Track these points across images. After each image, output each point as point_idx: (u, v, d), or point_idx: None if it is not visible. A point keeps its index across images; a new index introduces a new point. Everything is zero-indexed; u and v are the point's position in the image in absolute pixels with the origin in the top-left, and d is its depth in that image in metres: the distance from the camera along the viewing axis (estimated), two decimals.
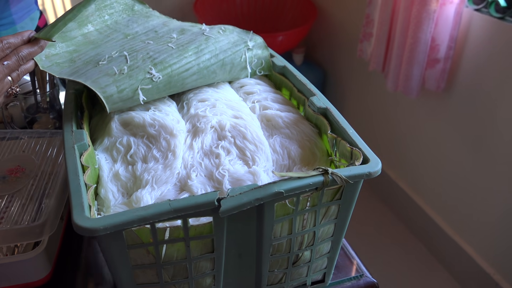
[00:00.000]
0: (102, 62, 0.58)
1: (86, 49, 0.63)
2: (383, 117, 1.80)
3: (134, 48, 0.61)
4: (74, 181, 0.44)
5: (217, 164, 0.54)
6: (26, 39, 0.55)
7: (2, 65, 0.52)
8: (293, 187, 0.43)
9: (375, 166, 0.47)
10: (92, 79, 0.54)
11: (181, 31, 0.66)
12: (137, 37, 0.65)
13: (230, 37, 0.66)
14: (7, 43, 0.53)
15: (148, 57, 0.59)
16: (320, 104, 0.59)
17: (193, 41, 0.62)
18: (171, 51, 0.60)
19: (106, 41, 0.64)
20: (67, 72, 0.58)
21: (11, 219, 0.58)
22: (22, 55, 0.54)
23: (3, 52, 0.52)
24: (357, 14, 1.80)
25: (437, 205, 1.60)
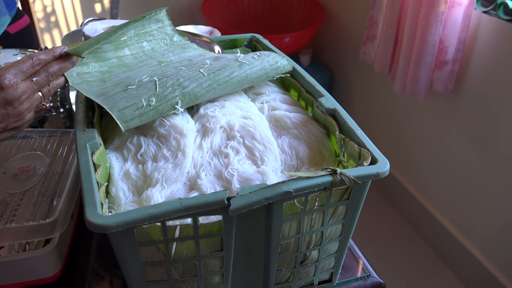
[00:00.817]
0: (131, 86, 0.56)
1: (118, 71, 0.62)
2: (390, 118, 1.80)
3: (165, 74, 0.60)
4: (86, 179, 0.44)
5: (226, 163, 0.54)
6: (57, 55, 0.56)
7: (31, 82, 0.52)
8: (302, 187, 0.44)
9: (383, 166, 0.47)
10: (119, 107, 0.53)
11: (215, 58, 0.65)
12: (170, 64, 0.64)
13: (265, 61, 0.65)
14: (37, 59, 0.53)
15: (178, 84, 0.57)
16: (329, 105, 0.60)
17: (226, 67, 0.61)
18: (201, 79, 0.59)
19: (140, 66, 0.64)
20: (96, 91, 0.57)
21: (23, 217, 0.59)
22: (52, 70, 0.54)
23: (33, 68, 0.53)
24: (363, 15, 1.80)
25: (444, 207, 1.59)
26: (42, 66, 0.54)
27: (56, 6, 2.09)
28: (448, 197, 1.56)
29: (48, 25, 2.12)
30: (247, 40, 0.84)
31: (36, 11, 2.07)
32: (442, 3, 1.28)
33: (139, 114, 0.53)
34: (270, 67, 0.65)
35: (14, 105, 0.51)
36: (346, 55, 2.03)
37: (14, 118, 0.52)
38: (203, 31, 1.09)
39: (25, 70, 0.51)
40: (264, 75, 0.65)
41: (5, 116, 0.51)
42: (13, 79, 0.50)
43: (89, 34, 0.82)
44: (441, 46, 1.35)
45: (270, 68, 0.66)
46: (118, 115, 0.52)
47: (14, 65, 0.51)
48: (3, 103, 0.50)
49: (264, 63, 0.65)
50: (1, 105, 0.50)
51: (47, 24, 2.12)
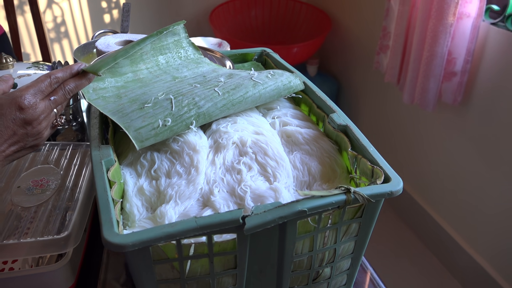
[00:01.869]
0: (147, 104, 0.57)
1: (134, 87, 0.63)
2: (398, 129, 1.80)
3: (180, 91, 0.60)
4: (103, 197, 0.45)
5: (239, 180, 0.55)
6: (74, 72, 0.56)
7: (49, 101, 0.53)
8: (316, 206, 0.44)
9: (397, 185, 0.48)
10: (135, 127, 0.54)
11: (229, 75, 0.65)
12: (185, 80, 0.64)
13: (279, 81, 0.66)
14: (55, 78, 0.53)
15: (193, 103, 0.58)
16: (340, 121, 0.60)
17: (240, 86, 0.62)
18: (216, 99, 0.59)
19: (155, 81, 0.64)
20: (112, 108, 0.58)
21: (37, 231, 0.60)
22: (69, 88, 0.55)
23: (51, 87, 0.53)
24: (373, 26, 1.81)
25: (451, 218, 1.58)
26: (59, 84, 0.54)
27: (66, 17, 2.12)
28: (456, 208, 1.55)
29: (58, 36, 2.15)
30: (257, 54, 0.84)
31: (47, 21, 2.10)
32: (450, 14, 1.28)
33: (155, 134, 0.54)
34: (283, 86, 0.66)
35: (33, 125, 0.51)
36: (354, 65, 2.03)
37: (32, 137, 0.52)
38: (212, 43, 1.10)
39: (43, 89, 0.52)
40: (277, 94, 0.66)
41: (24, 136, 0.51)
42: (33, 100, 0.51)
43: (102, 49, 0.83)
44: (449, 58, 1.35)
45: (283, 87, 0.66)
46: (134, 135, 0.53)
47: (33, 85, 0.51)
48: (22, 123, 0.50)
49: (278, 83, 0.65)
50: (21, 125, 0.50)
51: (57, 35, 2.15)
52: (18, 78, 0.89)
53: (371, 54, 1.86)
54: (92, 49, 1.07)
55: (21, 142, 0.51)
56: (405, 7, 1.48)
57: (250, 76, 0.65)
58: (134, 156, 0.58)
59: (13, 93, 0.50)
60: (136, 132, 0.53)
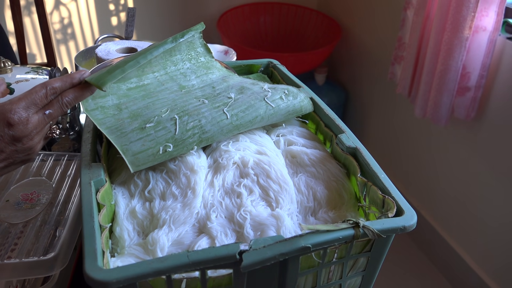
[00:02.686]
0: (149, 124, 0.52)
1: (136, 96, 0.57)
2: (407, 143, 1.75)
3: (186, 109, 0.55)
4: (88, 224, 0.41)
5: (239, 204, 0.51)
6: (75, 82, 0.50)
7: (43, 115, 0.47)
8: (321, 242, 0.40)
9: (410, 219, 0.43)
10: (133, 152, 0.50)
11: (240, 89, 0.60)
12: (192, 91, 0.59)
13: (291, 104, 0.61)
14: (52, 88, 0.48)
15: (199, 127, 0.53)
16: (350, 143, 0.56)
17: (251, 108, 0.57)
18: (224, 123, 0.55)
19: (159, 90, 0.59)
20: (110, 124, 0.53)
21: (22, 250, 0.56)
22: (67, 100, 0.49)
23: (47, 99, 0.47)
24: (386, 35, 1.77)
25: (462, 238, 1.53)
26: (57, 96, 0.48)
27: (73, 18, 2.10)
28: (467, 227, 1.50)
29: (64, 37, 2.13)
30: (263, 65, 0.81)
31: (53, 22, 2.08)
32: (466, 28, 1.24)
33: (153, 159, 0.51)
34: (293, 109, 0.62)
35: (23, 141, 0.47)
36: (364, 75, 1.99)
37: (23, 153, 0.48)
38: (218, 50, 1.06)
39: (37, 102, 0.47)
40: (285, 117, 0.62)
41: (13, 153, 0.47)
42: (24, 114, 0.46)
43: (101, 56, 0.80)
44: (464, 72, 1.30)
45: (293, 111, 0.62)
46: (131, 160, 0.50)
47: (26, 97, 0.46)
48: (11, 140, 0.45)
49: (289, 107, 0.61)
50: (9, 142, 0.45)
51: (64, 36, 2.13)
52: (16, 83, 0.86)
53: (382, 64, 1.81)
54: (94, 54, 1.04)
55: (10, 159, 0.47)
56: (419, 18, 1.44)
57: (263, 94, 0.60)
58: (128, 175, 0.54)
59: (3, 106, 0.46)
60: (134, 157, 0.50)
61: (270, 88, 0.62)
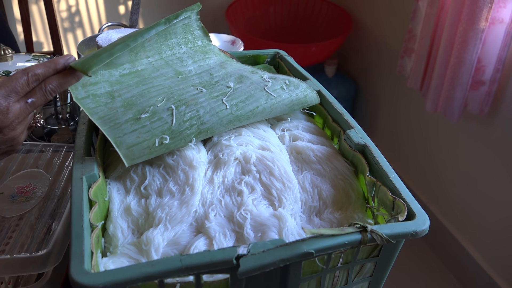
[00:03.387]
0: (144, 114, 0.49)
1: (130, 82, 0.54)
2: (418, 138, 1.70)
3: (183, 98, 0.52)
4: (77, 223, 0.39)
5: (239, 203, 0.48)
6: (60, 67, 0.46)
7: (25, 103, 0.44)
8: (325, 247, 0.37)
9: (422, 224, 0.40)
10: (128, 144, 0.47)
11: (239, 78, 0.57)
12: (189, 78, 0.56)
13: (293, 94, 0.58)
14: (34, 75, 0.44)
15: (197, 117, 0.51)
16: (358, 139, 0.53)
17: (251, 98, 0.54)
18: (223, 113, 0.52)
19: (154, 76, 0.56)
20: (103, 114, 0.50)
21: (15, 246, 0.54)
22: (51, 88, 0.46)
23: (29, 86, 0.44)
24: (397, 27, 1.72)
25: (474, 239, 1.49)
26: (39, 83, 0.45)
27: (81, 7, 2.07)
28: (478, 226, 1.46)
29: (72, 26, 2.11)
30: (270, 56, 0.77)
31: (61, 10, 2.05)
32: (482, 19, 1.19)
33: (148, 153, 0.48)
34: (297, 101, 0.59)
35: (4, 132, 0.44)
36: (375, 67, 1.94)
37: (5, 144, 0.45)
38: (225, 40, 1.03)
39: (18, 90, 0.43)
40: (290, 109, 0.59)
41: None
42: (4, 103, 0.43)
43: (102, 44, 0.77)
44: (478, 65, 1.25)
45: (298, 102, 0.59)
46: (125, 153, 0.47)
47: (6, 84, 0.43)
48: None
49: (293, 97, 0.58)
50: None
51: (71, 25, 2.11)
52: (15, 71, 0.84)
53: (394, 57, 1.76)
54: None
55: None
56: (433, 9, 1.39)
57: (263, 84, 0.57)
58: (124, 169, 0.51)
59: None
60: (128, 150, 0.47)
61: (270, 78, 0.59)
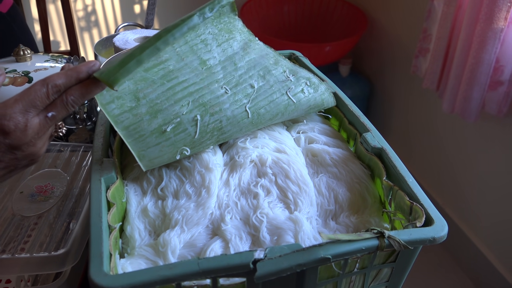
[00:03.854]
0: (170, 126, 0.49)
1: (154, 77, 0.51)
2: (434, 139, 1.68)
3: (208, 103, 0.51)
4: (95, 225, 0.39)
5: (255, 206, 0.48)
6: (83, 76, 0.42)
7: (45, 118, 0.41)
8: (342, 252, 0.37)
9: (441, 230, 0.40)
10: (150, 157, 0.48)
11: (262, 72, 0.55)
12: (213, 69, 0.54)
13: (312, 98, 0.58)
14: (54, 86, 0.40)
15: (218, 128, 0.51)
16: (375, 142, 0.52)
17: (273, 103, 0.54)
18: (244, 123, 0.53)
19: (179, 68, 0.53)
20: (128, 122, 0.48)
21: (34, 245, 0.55)
22: (72, 99, 0.41)
23: (49, 98, 0.40)
24: (413, 27, 1.70)
25: (490, 242, 1.47)
26: (61, 94, 0.41)
27: (97, 6, 2.09)
28: (495, 229, 1.44)
29: (88, 25, 2.13)
30: (285, 57, 0.77)
31: (77, 10, 2.08)
32: (501, 19, 1.17)
33: (167, 162, 0.50)
34: (315, 104, 0.58)
35: (23, 148, 0.41)
36: (390, 67, 1.92)
37: (25, 160, 0.43)
38: None
39: (37, 104, 0.40)
40: (306, 112, 0.59)
41: (13, 161, 0.41)
42: (21, 119, 0.39)
43: (119, 45, 0.78)
44: (497, 65, 1.23)
45: (315, 105, 0.59)
46: (146, 164, 0.48)
47: (24, 97, 0.39)
48: (7, 149, 0.40)
49: (311, 102, 0.58)
50: (6, 151, 0.40)
51: (87, 24, 2.13)
52: (35, 71, 0.85)
53: (409, 57, 1.74)
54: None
55: (11, 167, 0.42)
56: (450, 9, 1.37)
57: (286, 86, 0.56)
58: (141, 171, 0.52)
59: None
60: (149, 161, 0.48)
61: (292, 73, 0.57)
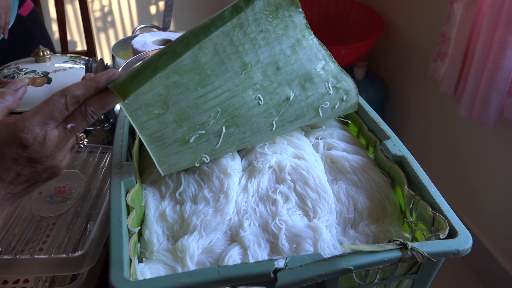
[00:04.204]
0: (194, 136, 0.47)
1: (189, 82, 0.46)
2: (450, 146, 1.66)
3: (236, 115, 0.49)
4: (116, 230, 0.39)
5: (274, 212, 0.48)
6: (102, 86, 0.41)
7: (64, 130, 0.40)
8: (364, 264, 0.36)
9: (465, 242, 0.39)
10: (169, 164, 0.48)
11: (304, 81, 0.51)
12: (252, 73, 0.48)
13: (342, 110, 0.57)
14: (73, 97, 0.39)
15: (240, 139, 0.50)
16: (396, 150, 0.51)
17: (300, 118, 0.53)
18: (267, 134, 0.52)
19: (217, 73, 0.47)
20: (152, 130, 0.46)
21: (52, 245, 0.55)
22: (92, 110, 0.40)
23: (67, 110, 0.39)
24: (431, 30, 1.68)
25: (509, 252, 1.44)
26: (80, 105, 0.40)
27: (113, 7, 2.11)
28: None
29: (104, 25, 2.16)
30: None
31: (94, 10, 2.10)
32: None
33: (186, 167, 0.50)
34: (337, 113, 0.58)
35: (42, 161, 0.40)
36: (405, 71, 1.90)
37: (46, 173, 0.41)
38: None
39: (56, 115, 0.39)
40: (328, 118, 0.58)
41: (33, 174, 0.40)
42: (40, 132, 0.38)
43: (137, 48, 0.78)
44: None
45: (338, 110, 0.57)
46: (165, 169, 0.49)
47: (42, 109, 0.39)
48: (26, 162, 0.39)
49: (335, 114, 0.57)
50: (25, 164, 0.39)
51: (104, 24, 2.15)
52: (54, 72, 0.86)
53: (426, 61, 1.72)
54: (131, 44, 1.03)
55: (31, 180, 0.41)
56: (469, 13, 1.35)
57: (322, 100, 0.53)
58: (159, 174, 0.52)
59: (14, 124, 0.38)
60: (169, 167, 0.49)
61: (336, 81, 0.54)
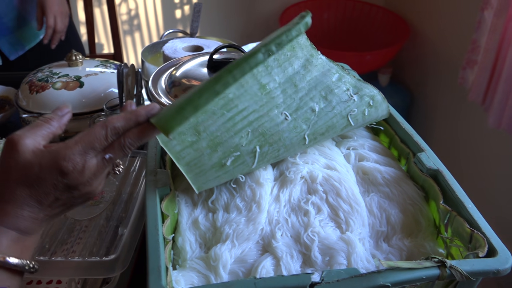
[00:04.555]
0: (230, 159, 0.48)
1: (214, 108, 0.48)
2: (478, 156, 1.62)
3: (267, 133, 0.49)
4: (152, 238, 0.40)
5: (306, 224, 0.48)
6: (142, 120, 0.41)
7: (103, 160, 0.41)
8: (402, 281, 0.36)
9: (505, 262, 0.38)
10: (208, 186, 0.50)
11: (325, 93, 0.51)
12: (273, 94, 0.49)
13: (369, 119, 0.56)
14: (114, 129, 0.41)
15: (275, 156, 0.51)
16: (430, 164, 0.51)
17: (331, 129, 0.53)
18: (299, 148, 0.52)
19: (238, 96, 0.48)
20: (189, 158, 0.47)
21: (85, 248, 0.57)
22: (130, 143, 0.41)
23: (107, 140, 0.41)
24: (459, 37, 1.65)
25: None
26: (119, 137, 0.41)
27: (140, 10, 2.15)
28: None
29: (131, 28, 2.19)
30: None
31: (121, 13, 2.14)
32: None
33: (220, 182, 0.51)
34: (370, 121, 0.57)
35: (79, 188, 0.41)
36: (431, 78, 1.88)
37: (81, 198, 0.43)
38: None
39: (96, 146, 0.40)
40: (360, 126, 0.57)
41: (70, 199, 0.42)
42: (80, 161, 0.39)
43: (168, 54, 0.80)
44: None
45: (369, 122, 0.57)
46: (202, 188, 0.49)
47: (83, 139, 0.40)
48: (65, 188, 0.40)
49: (367, 121, 0.57)
50: (64, 190, 0.40)
51: (130, 27, 2.19)
52: (86, 76, 0.88)
53: (453, 68, 1.70)
54: (159, 49, 1.04)
55: (67, 204, 0.42)
56: (500, 20, 1.32)
57: (348, 108, 0.53)
58: None
59: (57, 151, 0.40)
60: (206, 186, 0.49)
61: (356, 90, 0.54)
